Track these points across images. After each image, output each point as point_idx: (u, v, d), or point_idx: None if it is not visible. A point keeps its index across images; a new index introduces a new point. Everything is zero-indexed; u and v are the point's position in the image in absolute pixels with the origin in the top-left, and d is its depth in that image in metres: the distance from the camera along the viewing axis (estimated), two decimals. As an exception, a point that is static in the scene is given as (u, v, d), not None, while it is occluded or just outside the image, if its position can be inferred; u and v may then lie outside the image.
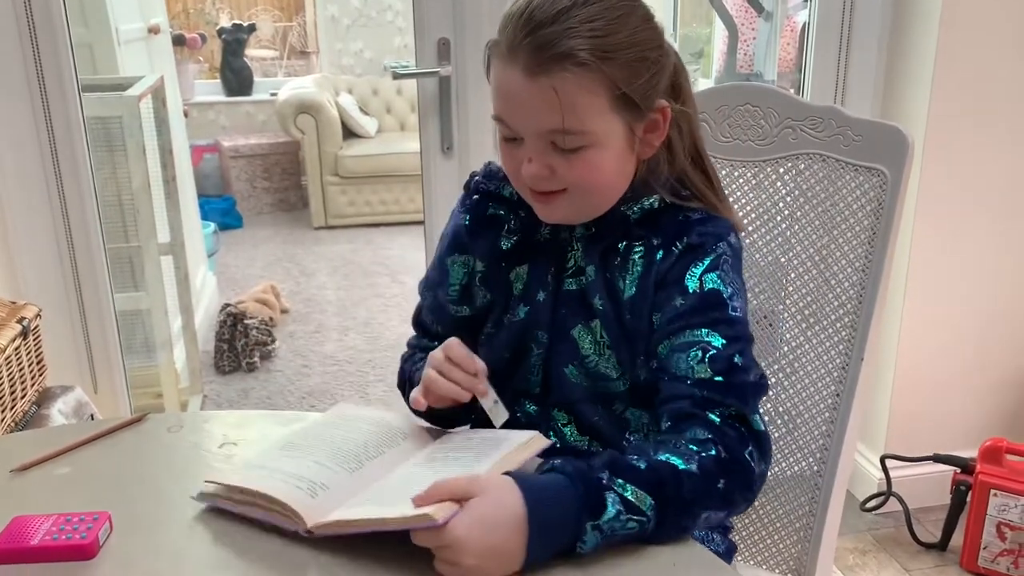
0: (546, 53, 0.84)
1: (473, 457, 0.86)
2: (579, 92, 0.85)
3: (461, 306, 1.05)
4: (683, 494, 0.80)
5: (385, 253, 4.55)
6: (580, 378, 0.98)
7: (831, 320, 1.12)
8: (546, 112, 0.86)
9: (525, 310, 0.99)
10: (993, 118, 1.93)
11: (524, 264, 1.00)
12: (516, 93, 0.87)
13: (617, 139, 0.90)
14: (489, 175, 1.03)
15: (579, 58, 0.84)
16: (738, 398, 0.86)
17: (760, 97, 1.16)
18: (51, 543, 0.78)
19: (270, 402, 2.87)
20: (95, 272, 1.90)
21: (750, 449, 0.85)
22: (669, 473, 0.80)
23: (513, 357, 1.01)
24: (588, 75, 0.85)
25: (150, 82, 2.49)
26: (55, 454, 0.95)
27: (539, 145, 0.89)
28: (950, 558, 2.00)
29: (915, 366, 2.08)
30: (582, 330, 0.97)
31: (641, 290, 0.93)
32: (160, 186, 2.61)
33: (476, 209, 1.03)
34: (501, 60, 0.88)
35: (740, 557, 1.21)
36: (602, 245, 0.96)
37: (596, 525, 0.76)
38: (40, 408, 1.61)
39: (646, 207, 0.94)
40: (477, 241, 1.02)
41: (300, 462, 0.86)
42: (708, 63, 3.78)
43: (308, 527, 0.78)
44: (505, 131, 0.91)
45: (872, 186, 1.08)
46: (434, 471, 0.84)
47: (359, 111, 5.18)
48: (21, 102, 1.76)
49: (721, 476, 0.82)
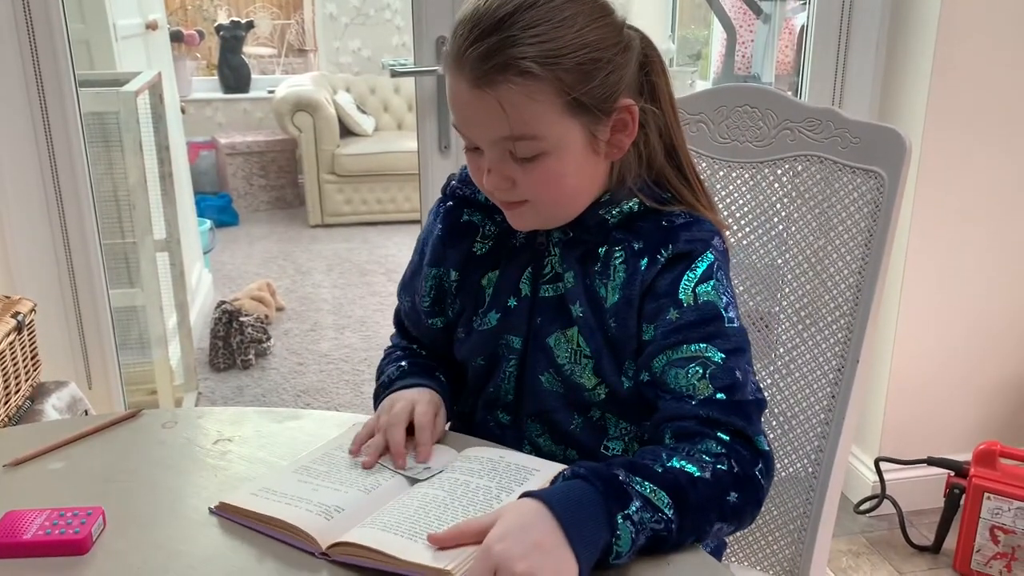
0: (487, 64, 0.81)
1: (496, 489, 0.83)
2: (525, 103, 0.82)
3: (434, 318, 1.04)
4: (699, 499, 0.78)
5: (381, 252, 4.55)
6: (556, 385, 0.96)
7: (827, 322, 1.12)
8: (494, 122, 0.84)
9: (496, 317, 0.97)
10: (990, 121, 1.94)
11: (496, 270, 0.98)
12: (465, 104, 0.85)
13: (576, 144, 0.86)
14: (465, 179, 1.00)
15: (521, 67, 0.81)
16: (742, 417, 0.85)
17: (758, 98, 1.16)
18: (44, 538, 0.78)
19: (265, 400, 2.87)
20: (90, 268, 1.89)
21: (760, 467, 0.84)
22: (685, 478, 0.79)
23: (487, 364, 1.00)
24: (533, 84, 0.81)
25: (147, 78, 2.48)
26: (49, 449, 0.95)
27: (495, 154, 0.87)
28: (943, 561, 2.00)
29: (910, 369, 2.09)
30: (559, 338, 0.94)
31: (626, 298, 0.90)
32: (156, 182, 2.61)
33: (449, 217, 1.01)
34: (450, 69, 0.86)
35: (734, 558, 1.21)
36: (580, 250, 0.93)
37: (626, 515, 0.74)
38: (34, 403, 1.60)
39: (625, 210, 0.91)
40: (450, 251, 1.00)
41: (316, 489, 0.84)
42: (706, 65, 3.79)
43: (323, 549, 0.76)
44: (464, 140, 0.90)
45: (869, 188, 1.08)
46: (454, 498, 0.81)
47: (357, 109, 5.18)
48: (18, 97, 1.76)
49: (732, 489, 0.81)
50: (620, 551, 0.74)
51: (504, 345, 0.98)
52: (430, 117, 1.87)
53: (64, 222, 1.85)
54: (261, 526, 0.81)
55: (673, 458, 0.80)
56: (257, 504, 0.82)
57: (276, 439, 0.98)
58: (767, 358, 1.17)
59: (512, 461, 0.88)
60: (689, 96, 1.22)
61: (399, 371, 1.03)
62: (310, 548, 0.77)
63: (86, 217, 1.86)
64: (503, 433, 1.00)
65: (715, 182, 1.19)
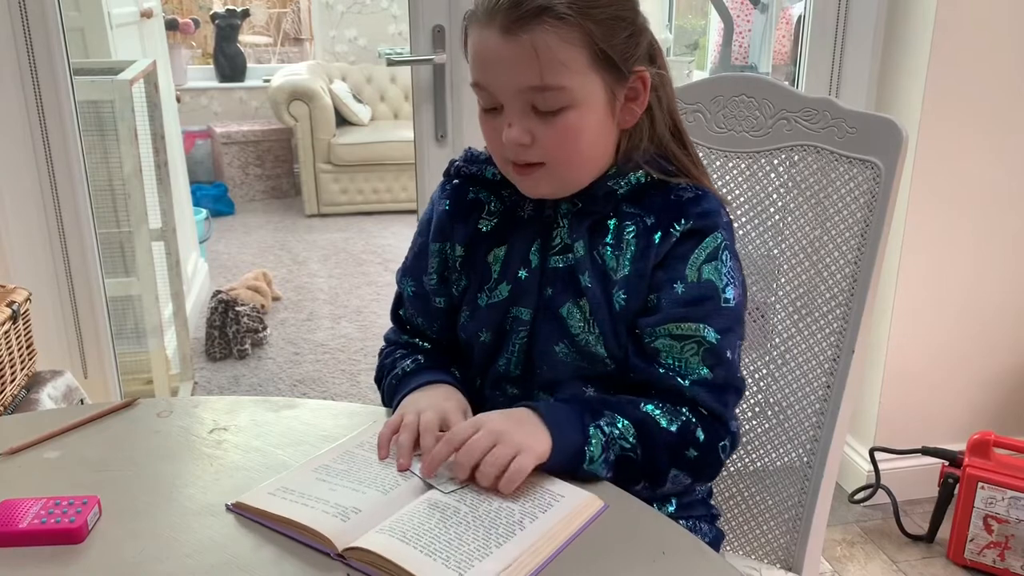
0: (523, 8, 0.84)
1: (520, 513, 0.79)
2: (559, 46, 0.85)
3: (439, 297, 1.04)
4: (660, 442, 0.89)
5: (377, 242, 4.54)
6: (571, 356, 0.96)
7: (823, 312, 1.12)
8: (524, 69, 0.86)
9: (508, 288, 0.98)
10: (987, 112, 1.94)
11: (503, 246, 0.99)
12: (493, 53, 0.87)
13: (597, 101, 0.90)
14: (470, 158, 1.02)
15: (557, 11, 0.84)
16: (722, 403, 0.93)
17: (755, 88, 1.16)
18: (40, 527, 0.78)
19: (261, 389, 2.87)
20: (86, 257, 1.89)
21: (724, 442, 0.93)
22: (652, 422, 0.89)
23: (493, 339, 1.00)
24: (566, 28, 0.85)
25: (142, 66, 2.47)
26: (45, 438, 0.94)
27: (518, 107, 0.89)
28: (937, 550, 2.01)
29: (905, 359, 2.09)
30: (571, 307, 0.96)
31: (638, 271, 0.93)
32: (152, 171, 2.60)
33: (456, 194, 1.02)
34: (478, 25, 0.88)
35: (729, 547, 1.21)
36: (589, 221, 0.95)
37: (597, 425, 0.86)
38: (30, 392, 1.60)
39: (632, 181, 0.94)
40: (457, 226, 1.01)
41: (335, 489, 0.83)
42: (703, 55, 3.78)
43: (339, 551, 0.75)
44: (484, 99, 0.91)
45: (865, 178, 1.08)
46: (476, 517, 0.79)
47: (353, 98, 5.16)
48: (12, 86, 1.75)
49: (694, 448, 0.90)
50: (592, 455, 0.85)
51: (512, 318, 0.98)
52: (426, 106, 1.87)
53: (59, 211, 1.84)
54: (278, 525, 0.80)
55: (648, 405, 0.90)
56: (273, 504, 0.81)
57: (272, 428, 0.98)
58: (763, 348, 1.17)
59: (537, 483, 0.85)
60: (686, 86, 1.21)
61: (416, 364, 1.02)
62: (326, 549, 0.76)
63: (81, 206, 1.85)
64: (511, 407, 0.98)
65: (711, 172, 1.19)
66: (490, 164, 0.99)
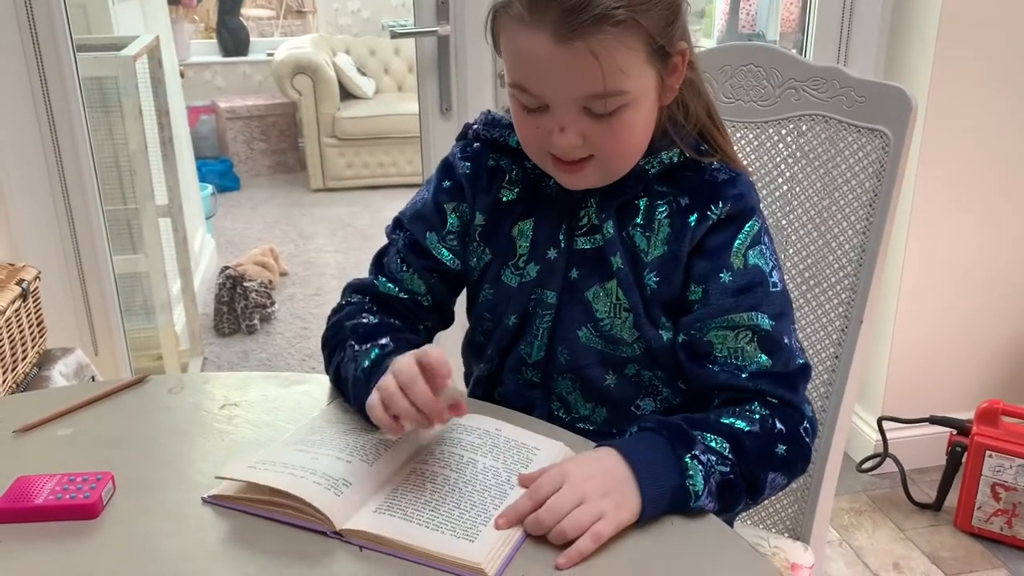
0: (580, 16, 0.77)
1: (504, 471, 0.81)
2: (619, 51, 0.79)
3: (452, 258, 0.98)
4: (752, 447, 0.83)
5: (384, 215, 4.52)
6: (594, 341, 0.93)
7: (831, 282, 1.12)
8: (583, 78, 0.80)
9: (536, 269, 0.93)
10: (997, 80, 1.92)
11: (528, 219, 0.94)
12: (545, 60, 0.80)
13: (651, 93, 0.85)
14: (490, 122, 0.96)
15: (617, 16, 0.78)
16: (790, 389, 0.88)
17: (763, 57, 1.15)
18: (55, 503, 0.78)
19: (270, 364, 2.88)
20: (93, 234, 1.89)
21: (804, 426, 0.88)
22: (737, 430, 0.83)
23: (519, 322, 0.95)
24: (627, 32, 0.79)
25: (145, 42, 2.46)
26: (57, 415, 0.95)
27: (571, 112, 0.83)
28: (944, 518, 2.02)
29: (913, 329, 2.09)
30: (597, 291, 0.92)
31: (672, 253, 0.89)
32: (157, 147, 2.60)
33: (478, 159, 0.97)
34: (519, 24, 0.80)
35: (737, 517, 1.22)
36: (619, 201, 0.91)
37: (694, 455, 0.79)
38: (41, 370, 1.61)
39: (664, 160, 0.90)
40: (478, 192, 0.96)
41: (316, 458, 0.81)
42: (710, 23, 3.74)
43: (336, 529, 0.74)
44: (527, 101, 0.84)
45: (874, 148, 1.07)
46: (464, 481, 0.79)
47: (357, 71, 5.13)
48: (15, 62, 1.74)
49: (780, 443, 0.85)
50: (696, 490, 0.78)
51: (537, 300, 0.94)
52: (431, 79, 1.86)
53: (66, 189, 1.84)
54: (263, 509, 0.77)
55: (722, 416, 0.85)
56: (256, 475, 0.78)
57: (282, 403, 0.99)
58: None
59: (509, 436, 0.86)
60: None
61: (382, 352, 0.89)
62: (322, 527, 0.75)
63: (87, 183, 1.85)
64: (531, 392, 0.97)
65: (719, 143, 1.18)
66: (511, 131, 0.93)
